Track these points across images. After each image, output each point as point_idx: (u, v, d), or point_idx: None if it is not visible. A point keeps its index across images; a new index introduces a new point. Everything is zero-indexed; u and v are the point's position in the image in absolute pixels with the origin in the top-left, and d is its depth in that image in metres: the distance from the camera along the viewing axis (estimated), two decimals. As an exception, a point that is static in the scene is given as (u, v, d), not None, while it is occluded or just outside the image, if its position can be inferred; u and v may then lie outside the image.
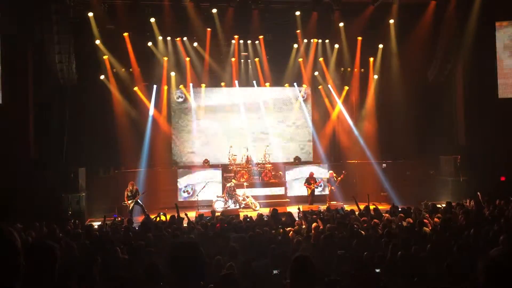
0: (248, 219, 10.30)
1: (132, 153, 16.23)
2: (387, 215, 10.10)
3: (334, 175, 16.11)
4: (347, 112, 18.48)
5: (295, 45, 17.64)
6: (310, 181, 16.14)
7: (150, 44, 16.57)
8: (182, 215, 10.79)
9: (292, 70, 18.51)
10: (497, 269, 1.86)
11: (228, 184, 15.85)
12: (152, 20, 15.77)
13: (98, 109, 15.55)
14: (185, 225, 10.09)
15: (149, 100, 17.28)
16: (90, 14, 14.78)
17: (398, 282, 5.05)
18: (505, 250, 1.89)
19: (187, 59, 17.39)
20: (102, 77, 16.01)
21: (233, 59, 17.81)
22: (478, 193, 11.67)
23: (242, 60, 18.27)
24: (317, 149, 19.08)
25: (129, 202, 13.99)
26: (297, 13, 16.31)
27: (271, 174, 17.14)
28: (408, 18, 16.10)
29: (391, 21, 16.43)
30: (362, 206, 11.46)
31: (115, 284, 5.12)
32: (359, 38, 17.32)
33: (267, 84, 18.58)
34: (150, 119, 17.18)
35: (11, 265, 2.10)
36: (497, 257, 1.88)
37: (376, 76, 17.89)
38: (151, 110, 17.25)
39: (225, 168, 17.35)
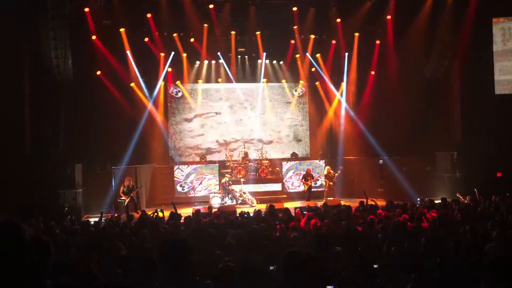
0: (245, 215, 10.31)
1: (128, 149, 16.18)
2: (381, 211, 10.11)
3: (331, 171, 16.14)
4: (344, 108, 18.48)
5: (292, 41, 17.61)
6: (307, 177, 16.17)
7: (146, 39, 16.51)
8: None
9: (289, 66, 18.51)
10: (503, 264, 1.87)
11: (223, 180, 15.87)
12: (149, 15, 15.72)
13: (94, 105, 15.47)
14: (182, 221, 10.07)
15: (146, 96, 17.23)
16: (86, 10, 14.70)
17: (395, 278, 5.05)
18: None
19: (184, 55, 17.36)
20: (98, 73, 15.95)
21: (230, 55, 17.77)
22: (475, 190, 11.71)
23: (239, 56, 18.25)
24: (314, 145, 19.11)
25: (126, 196, 14.04)
26: (294, 9, 16.28)
27: (268, 170, 17.14)
28: (405, 14, 16.08)
29: (388, 17, 16.43)
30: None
31: (112, 280, 5.11)
32: (356, 34, 17.31)
33: (264, 80, 18.57)
34: (146, 115, 17.13)
35: (17, 262, 2.11)
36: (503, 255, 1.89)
37: (373, 72, 17.89)
38: (148, 106, 17.21)
39: (222, 164, 17.35)
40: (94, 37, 15.24)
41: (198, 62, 18.05)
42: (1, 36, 13.05)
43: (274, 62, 18.60)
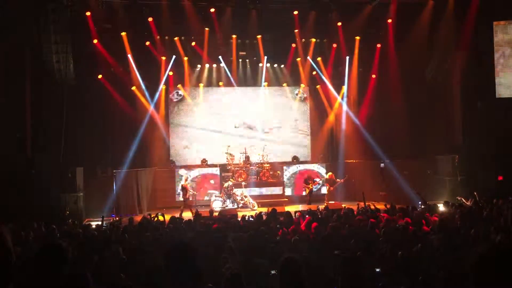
0: (246, 219, 10.29)
1: (130, 152, 16.18)
2: (385, 214, 10.10)
3: (334, 177, 16.12)
4: (345, 111, 18.47)
5: (293, 45, 17.63)
6: (308, 181, 16.15)
7: (148, 43, 16.54)
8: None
9: (290, 69, 18.52)
10: (486, 264, 1.85)
11: (226, 184, 15.84)
12: (150, 19, 15.76)
13: (95, 108, 15.49)
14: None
15: (147, 100, 17.24)
16: (88, 14, 14.75)
17: (397, 282, 5.04)
18: (493, 245, 1.88)
19: (185, 58, 17.39)
20: (99, 76, 15.97)
21: (231, 59, 17.80)
22: (475, 193, 11.68)
23: (240, 60, 18.27)
24: (315, 148, 19.09)
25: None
26: (295, 12, 16.31)
27: (269, 174, 17.12)
28: (406, 17, 16.10)
29: (389, 20, 16.44)
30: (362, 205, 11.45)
31: (113, 284, 5.10)
32: (357, 37, 17.33)
33: (265, 83, 18.58)
34: (147, 118, 17.14)
35: (2, 266, 2.09)
36: (486, 252, 1.86)
37: (374, 76, 17.89)
38: (149, 110, 17.22)
39: (223, 168, 17.33)
40: (95, 41, 15.28)
41: (199, 66, 18.09)
42: (3, 41, 13.09)
43: (275, 65, 18.62)
